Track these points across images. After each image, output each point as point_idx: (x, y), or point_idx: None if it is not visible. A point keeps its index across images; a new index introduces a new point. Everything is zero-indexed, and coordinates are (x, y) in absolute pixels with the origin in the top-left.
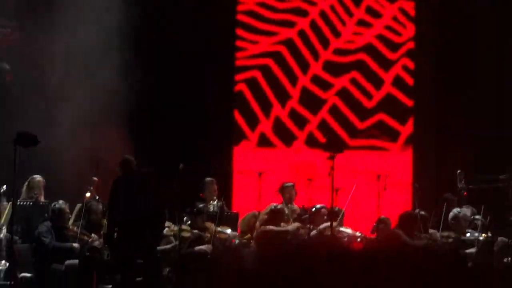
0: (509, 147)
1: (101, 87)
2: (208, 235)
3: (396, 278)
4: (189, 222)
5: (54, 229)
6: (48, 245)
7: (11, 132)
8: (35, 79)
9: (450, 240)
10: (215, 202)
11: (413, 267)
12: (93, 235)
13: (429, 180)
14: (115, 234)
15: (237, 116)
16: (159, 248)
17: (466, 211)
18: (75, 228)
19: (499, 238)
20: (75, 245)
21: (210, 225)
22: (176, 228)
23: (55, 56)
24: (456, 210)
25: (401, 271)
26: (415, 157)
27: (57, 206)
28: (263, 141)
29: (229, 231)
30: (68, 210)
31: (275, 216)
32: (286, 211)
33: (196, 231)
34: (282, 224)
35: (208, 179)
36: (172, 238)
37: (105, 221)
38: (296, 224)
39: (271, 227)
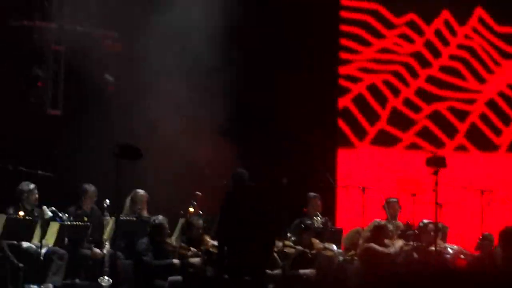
0: None
1: (202, 97)
2: (314, 251)
3: None
4: (293, 238)
5: (153, 245)
6: (148, 263)
7: (114, 144)
8: (137, 89)
9: None
10: (318, 218)
11: None
12: (192, 249)
13: None
14: (225, 250)
15: (342, 124)
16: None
17: None
18: (174, 243)
19: None
20: (175, 261)
21: (316, 241)
22: (280, 244)
23: (155, 63)
24: None
25: None
26: None
27: (156, 221)
28: (367, 149)
29: (334, 247)
30: (167, 225)
31: (379, 232)
32: (390, 227)
33: (299, 247)
34: (386, 240)
35: (312, 194)
36: (276, 255)
37: (206, 237)
38: (399, 245)
39: (374, 246)
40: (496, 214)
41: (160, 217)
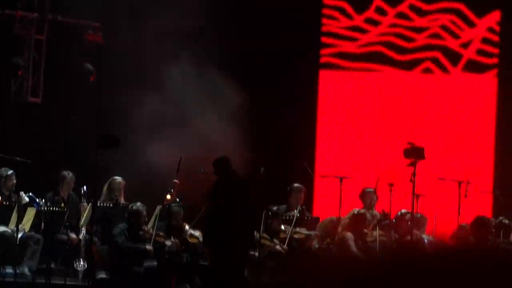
0: None
1: (184, 85)
2: (283, 236)
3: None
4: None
5: (130, 231)
6: (121, 246)
7: (95, 133)
8: (118, 79)
9: None
10: (298, 209)
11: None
12: (172, 239)
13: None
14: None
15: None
16: None
17: None
18: (151, 230)
19: None
20: (149, 247)
21: (287, 227)
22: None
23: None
24: None
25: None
26: (497, 161)
27: (134, 208)
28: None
29: (306, 231)
30: (145, 213)
31: (357, 221)
32: (368, 217)
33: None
34: (364, 230)
35: (296, 185)
36: None
37: (185, 225)
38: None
39: (349, 237)
40: (473, 204)
41: (138, 203)
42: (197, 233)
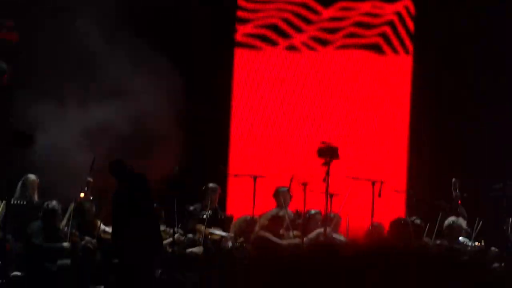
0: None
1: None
2: (199, 236)
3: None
4: (180, 224)
5: (46, 229)
6: (38, 246)
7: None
8: (33, 79)
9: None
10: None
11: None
12: (86, 238)
13: (424, 186)
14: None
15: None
16: None
17: (462, 220)
18: (66, 229)
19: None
20: (66, 244)
21: (201, 227)
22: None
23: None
24: (451, 218)
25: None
26: (410, 163)
27: (49, 206)
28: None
29: (221, 232)
30: (60, 211)
31: (276, 223)
32: (286, 219)
33: (190, 235)
34: (281, 231)
35: (212, 185)
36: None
37: (97, 222)
38: (294, 242)
39: (268, 235)
40: (386, 204)
41: (54, 202)
42: (110, 229)
